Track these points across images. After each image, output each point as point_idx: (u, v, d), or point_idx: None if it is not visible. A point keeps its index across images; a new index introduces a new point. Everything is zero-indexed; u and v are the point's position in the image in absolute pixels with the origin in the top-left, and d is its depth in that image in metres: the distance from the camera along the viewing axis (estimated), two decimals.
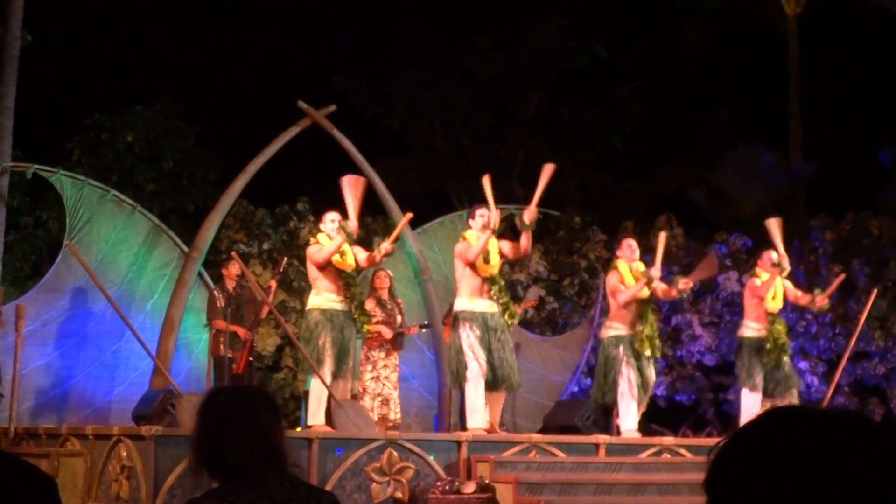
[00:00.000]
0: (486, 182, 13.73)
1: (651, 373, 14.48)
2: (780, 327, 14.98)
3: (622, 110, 28.54)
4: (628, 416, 14.26)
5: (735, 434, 1.96)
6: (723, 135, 28.20)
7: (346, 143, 17.42)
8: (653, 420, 18.50)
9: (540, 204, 20.70)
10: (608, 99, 28.60)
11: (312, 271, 13.53)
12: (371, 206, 19.26)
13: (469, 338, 13.31)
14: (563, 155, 28.52)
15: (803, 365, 19.17)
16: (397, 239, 18.12)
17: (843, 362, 15.87)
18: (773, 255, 15.28)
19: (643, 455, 13.63)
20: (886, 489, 1.84)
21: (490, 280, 13.53)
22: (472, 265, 13.41)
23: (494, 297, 13.57)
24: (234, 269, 15.48)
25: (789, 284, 15.30)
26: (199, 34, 28.46)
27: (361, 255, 13.68)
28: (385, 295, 15.52)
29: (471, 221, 13.76)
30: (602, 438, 13.61)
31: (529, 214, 13.56)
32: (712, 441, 14.08)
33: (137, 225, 17.00)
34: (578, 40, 27.89)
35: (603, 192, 28.40)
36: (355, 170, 17.59)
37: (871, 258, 19.75)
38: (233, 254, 15.00)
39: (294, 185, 21.41)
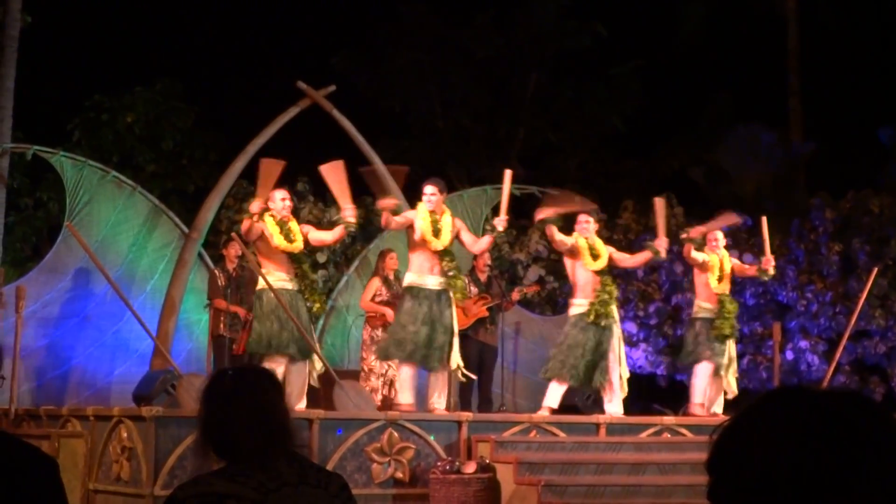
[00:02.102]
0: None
1: (608, 342, 14.14)
2: (731, 307, 14.85)
3: (622, 89, 28.52)
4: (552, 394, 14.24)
5: (738, 415, 1.97)
6: (722, 114, 28.18)
7: (346, 124, 17.41)
8: (654, 399, 18.52)
9: (539, 183, 20.74)
10: (608, 78, 28.57)
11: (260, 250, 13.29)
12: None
13: (411, 313, 13.21)
14: (562, 134, 28.56)
15: (804, 344, 19.17)
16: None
17: (844, 341, 15.85)
18: (720, 235, 15.23)
19: (644, 434, 13.63)
20: (887, 469, 1.85)
21: (441, 254, 13.37)
22: (423, 239, 13.22)
23: (446, 272, 13.36)
24: (234, 249, 15.46)
25: (735, 260, 15.29)
26: (198, 15, 28.43)
27: (322, 234, 13.66)
28: (392, 276, 15.51)
29: (423, 197, 13.58)
30: (602, 418, 13.61)
31: (502, 224, 13.39)
32: (713, 420, 14.09)
33: (137, 206, 16.99)
34: (578, 19, 27.88)
35: (603, 172, 28.40)
36: (355, 150, 17.60)
37: (872, 236, 19.73)
38: (233, 234, 14.99)
39: (293, 166, 21.33)
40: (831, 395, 1.93)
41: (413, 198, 17.92)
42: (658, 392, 19.57)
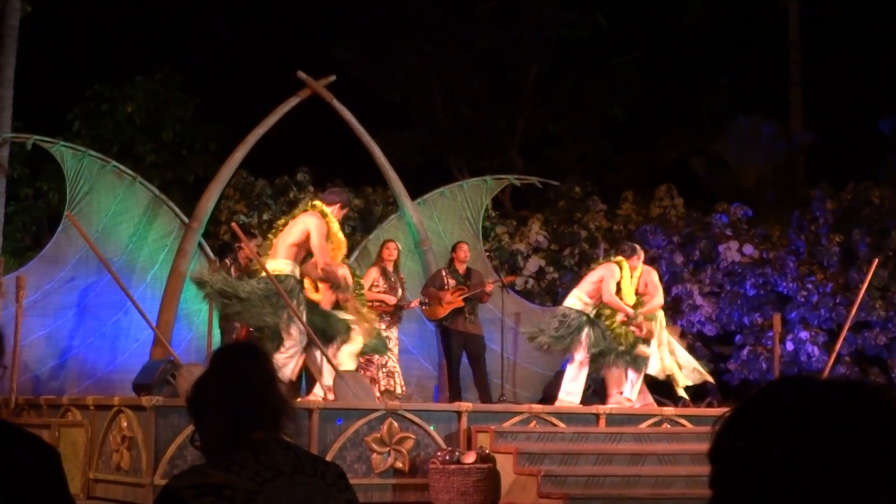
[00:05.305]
0: None
1: None
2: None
3: (622, 80, 28.52)
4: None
5: (740, 405, 1.97)
6: (723, 105, 28.18)
7: (346, 114, 17.39)
8: (653, 390, 18.52)
9: (539, 174, 20.72)
10: (608, 69, 28.57)
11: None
12: (371, 176, 19.28)
13: None
14: (563, 125, 28.54)
15: (804, 335, 19.17)
16: (397, 209, 18.16)
17: (844, 332, 15.86)
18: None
19: (643, 425, 13.64)
20: (890, 457, 1.85)
21: None
22: None
23: None
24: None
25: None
26: (199, 5, 28.41)
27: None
28: (390, 267, 15.52)
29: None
30: (602, 409, 13.63)
31: None
32: (712, 411, 14.11)
33: (138, 196, 16.97)
34: (578, 10, 27.87)
35: (603, 162, 28.40)
36: (355, 140, 17.59)
37: (872, 228, 19.73)
38: (233, 225, 14.98)
39: (294, 156, 21.40)
40: (834, 385, 1.93)
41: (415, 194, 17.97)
42: (658, 383, 19.56)
